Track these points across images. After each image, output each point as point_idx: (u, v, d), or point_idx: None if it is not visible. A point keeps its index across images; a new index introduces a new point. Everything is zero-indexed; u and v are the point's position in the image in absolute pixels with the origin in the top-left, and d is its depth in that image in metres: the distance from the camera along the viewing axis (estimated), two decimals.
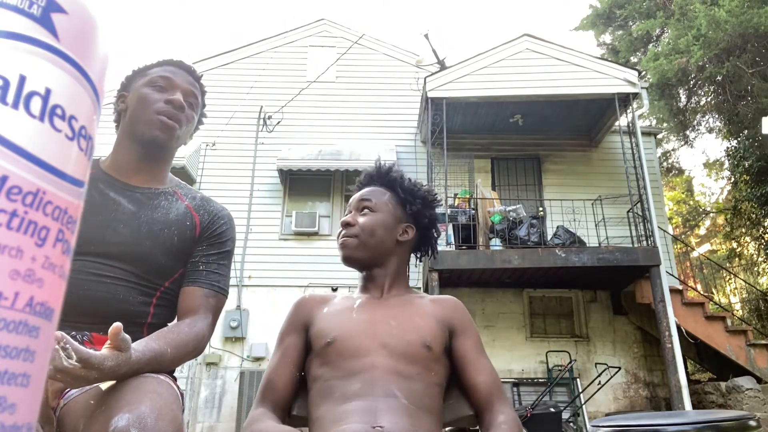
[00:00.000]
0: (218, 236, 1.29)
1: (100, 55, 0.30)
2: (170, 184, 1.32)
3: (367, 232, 1.29)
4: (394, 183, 1.40)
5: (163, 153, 1.29)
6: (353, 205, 1.37)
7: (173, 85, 1.27)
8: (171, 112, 1.24)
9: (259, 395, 1.16)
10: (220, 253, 1.28)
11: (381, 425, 0.98)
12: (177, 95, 1.25)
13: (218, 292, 1.25)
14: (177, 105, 1.24)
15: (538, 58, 7.43)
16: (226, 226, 1.32)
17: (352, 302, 1.25)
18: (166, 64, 1.31)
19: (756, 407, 5.85)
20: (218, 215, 1.32)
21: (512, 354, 7.34)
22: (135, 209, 1.21)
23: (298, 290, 7.31)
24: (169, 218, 1.23)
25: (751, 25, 8.41)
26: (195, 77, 1.34)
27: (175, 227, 1.23)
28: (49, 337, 0.27)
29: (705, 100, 11.72)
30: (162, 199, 1.26)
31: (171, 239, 1.21)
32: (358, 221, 1.31)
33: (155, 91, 1.25)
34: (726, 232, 12.41)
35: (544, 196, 8.17)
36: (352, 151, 7.96)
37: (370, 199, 1.35)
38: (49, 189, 0.26)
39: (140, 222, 1.20)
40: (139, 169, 1.26)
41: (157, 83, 1.26)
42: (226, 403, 7.04)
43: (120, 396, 0.90)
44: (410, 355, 1.11)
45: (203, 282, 1.23)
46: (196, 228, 1.27)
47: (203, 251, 1.26)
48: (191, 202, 1.30)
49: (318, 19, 9.46)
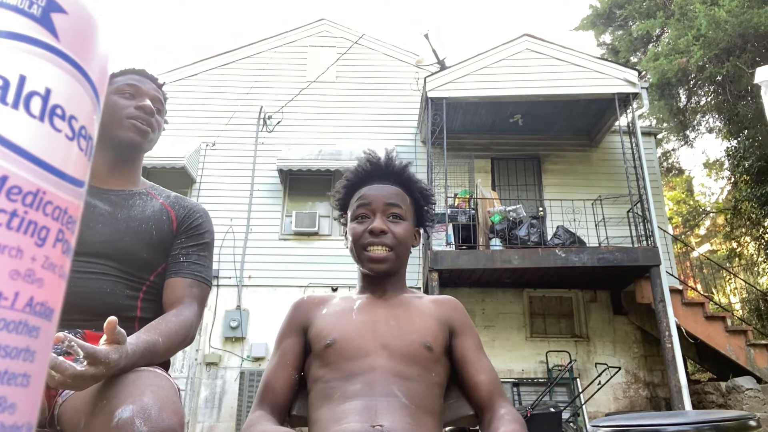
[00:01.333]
0: (195, 228, 1.33)
1: (100, 55, 0.30)
2: (143, 185, 1.37)
3: (403, 245, 1.21)
4: (411, 184, 1.29)
5: (135, 156, 1.34)
6: (377, 204, 1.22)
7: (140, 93, 1.33)
8: (142, 116, 1.30)
9: (257, 397, 1.16)
10: (199, 244, 1.32)
11: (381, 424, 0.98)
12: (146, 101, 1.31)
13: (201, 282, 1.28)
14: (148, 111, 1.30)
15: (538, 58, 7.43)
16: (202, 219, 1.36)
17: (351, 303, 1.24)
18: (130, 73, 1.36)
19: (756, 407, 5.85)
20: (193, 209, 1.36)
21: (512, 354, 7.34)
22: (111, 209, 1.25)
23: (298, 290, 7.32)
24: (146, 214, 1.28)
25: (751, 25, 8.41)
26: (158, 85, 1.40)
27: (152, 222, 1.27)
28: (49, 337, 0.27)
29: (705, 100, 11.72)
30: (137, 198, 1.31)
31: (150, 233, 1.25)
32: (393, 230, 1.20)
33: (124, 99, 1.30)
34: (726, 232, 12.40)
35: (544, 196, 8.17)
36: (352, 151, 7.96)
37: (400, 206, 1.23)
38: (49, 189, 0.26)
39: (118, 220, 1.23)
40: (111, 174, 1.31)
41: (124, 91, 1.31)
42: (226, 403, 7.04)
43: (121, 389, 0.91)
44: (411, 356, 1.11)
45: (185, 272, 1.26)
46: (173, 222, 1.31)
47: (182, 244, 1.30)
48: (165, 200, 1.35)
49: (318, 19, 9.46)
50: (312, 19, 9.54)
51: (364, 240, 1.20)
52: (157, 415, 0.85)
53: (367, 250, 1.20)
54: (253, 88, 8.70)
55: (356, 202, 1.24)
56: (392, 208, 1.21)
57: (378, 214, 1.21)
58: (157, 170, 7.68)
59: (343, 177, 1.32)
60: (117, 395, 0.89)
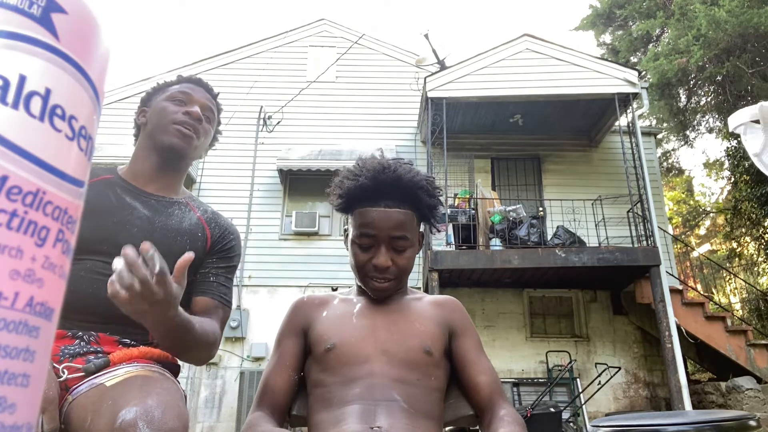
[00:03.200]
0: (228, 251, 1.34)
1: (100, 55, 0.30)
2: (183, 195, 1.37)
3: (405, 273, 1.21)
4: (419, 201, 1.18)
5: (179, 163, 1.33)
6: (382, 234, 1.14)
7: (191, 100, 1.33)
8: (189, 122, 1.29)
9: (257, 398, 1.15)
10: (228, 267, 1.33)
11: (379, 425, 0.98)
12: (195, 108, 1.31)
13: (225, 305, 1.29)
14: (195, 117, 1.30)
15: (538, 58, 7.43)
16: (235, 241, 1.37)
17: (352, 306, 1.23)
18: (185, 81, 1.37)
19: (756, 407, 5.85)
20: (228, 230, 1.36)
21: (512, 354, 7.34)
22: (150, 214, 1.24)
23: (298, 290, 7.32)
24: (183, 227, 1.27)
25: (751, 25, 8.41)
26: (212, 94, 1.42)
27: (187, 237, 1.27)
28: (49, 337, 0.27)
29: (705, 100, 11.72)
30: (176, 208, 1.30)
31: (183, 248, 1.23)
32: (397, 263, 1.17)
33: (174, 104, 1.31)
34: (726, 232, 12.40)
35: (544, 196, 8.17)
36: (352, 151, 7.96)
37: (407, 236, 1.16)
38: (49, 189, 0.26)
39: (154, 227, 1.23)
40: (155, 178, 1.30)
41: (176, 98, 1.32)
42: (226, 403, 7.04)
43: (127, 390, 0.91)
44: (411, 362, 1.11)
45: (214, 294, 1.27)
46: (207, 240, 1.31)
47: (213, 264, 1.30)
48: (203, 215, 1.35)
49: (318, 19, 9.47)
50: (312, 19, 9.55)
51: (367, 271, 1.18)
52: (160, 417, 0.85)
53: (369, 277, 1.19)
54: (253, 88, 8.70)
55: (360, 228, 1.16)
56: (398, 240, 1.15)
57: (382, 246, 1.15)
58: None
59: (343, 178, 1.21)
60: (123, 396, 0.90)
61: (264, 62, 8.99)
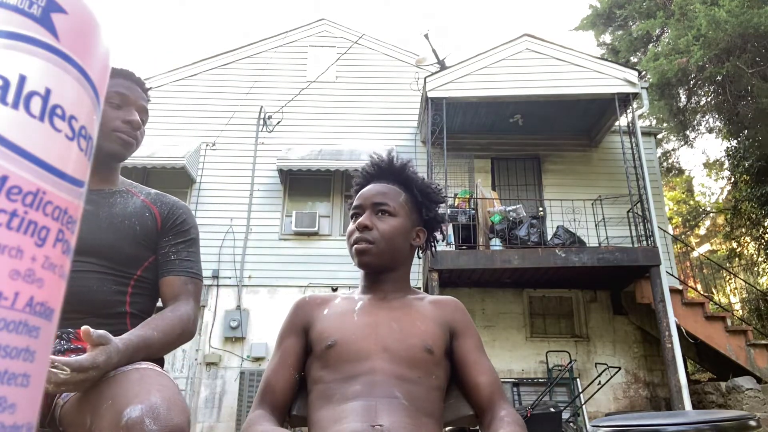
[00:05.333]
0: (180, 225, 1.35)
1: (100, 55, 0.30)
2: (123, 184, 1.38)
3: (387, 240, 1.22)
4: (410, 182, 1.30)
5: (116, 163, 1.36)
6: (366, 202, 1.25)
7: (128, 102, 1.32)
8: (129, 131, 1.31)
9: (257, 397, 1.16)
10: (186, 240, 1.34)
11: (380, 424, 0.98)
12: (134, 116, 1.31)
13: (194, 277, 1.31)
14: (135, 126, 1.31)
15: (538, 58, 7.43)
16: (186, 215, 1.38)
17: (353, 304, 1.23)
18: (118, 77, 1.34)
19: (756, 407, 5.85)
20: (176, 205, 1.38)
21: (512, 354, 7.35)
22: (93, 208, 1.25)
23: (298, 290, 7.32)
24: (128, 211, 1.29)
25: (751, 25, 8.41)
26: (144, 89, 1.40)
27: (134, 218, 1.28)
28: (49, 337, 0.27)
29: (705, 100, 11.71)
30: (117, 197, 1.32)
31: (133, 229, 1.27)
32: (377, 226, 1.22)
33: (112, 108, 1.30)
34: (726, 232, 12.41)
35: (544, 196, 8.17)
36: (352, 151, 7.96)
37: (388, 203, 1.24)
38: (49, 189, 0.26)
39: (100, 218, 1.24)
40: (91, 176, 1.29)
41: (113, 100, 1.30)
42: (226, 403, 7.04)
43: (127, 388, 0.91)
44: (412, 360, 1.11)
45: (179, 270, 1.29)
46: (157, 219, 1.32)
47: (170, 241, 1.32)
48: (147, 197, 1.36)
49: (318, 19, 9.47)
50: (312, 19, 9.55)
51: (353, 236, 1.23)
52: (165, 414, 0.86)
53: (353, 243, 1.23)
54: (253, 88, 8.70)
55: (352, 204, 1.29)
56: (380, 205, 1.24)
57: (367, 211, 1.24)
58: (157, 170, 7.69)
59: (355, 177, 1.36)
60: (123, 395, 0.89)
61: (264, 62, 9.00)
